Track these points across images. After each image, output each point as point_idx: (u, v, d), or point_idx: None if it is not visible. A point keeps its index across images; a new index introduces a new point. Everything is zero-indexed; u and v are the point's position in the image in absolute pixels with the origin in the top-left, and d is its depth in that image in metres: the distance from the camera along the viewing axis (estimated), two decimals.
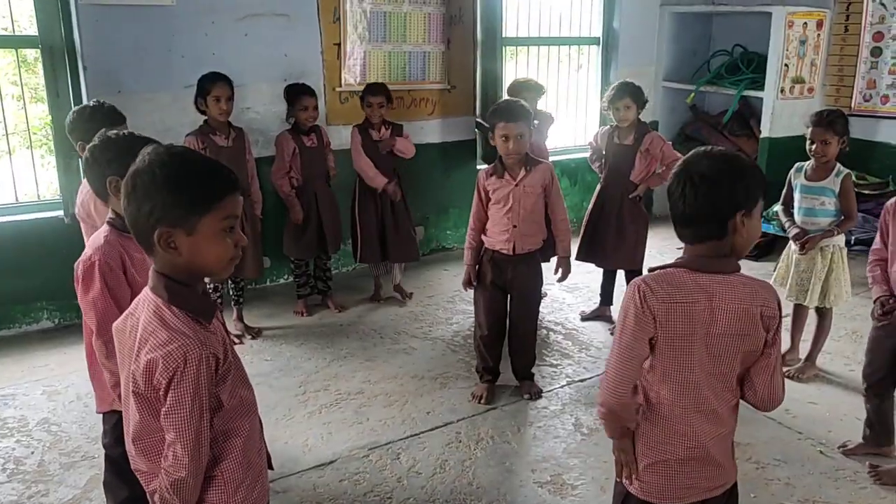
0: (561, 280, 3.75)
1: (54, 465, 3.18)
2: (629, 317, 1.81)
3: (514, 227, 3.52)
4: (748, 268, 5.96)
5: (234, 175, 1.59)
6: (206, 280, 1.67)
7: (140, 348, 1.54)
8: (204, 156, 1.73)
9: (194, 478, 1.56)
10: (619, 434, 1.97)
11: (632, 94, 4.29)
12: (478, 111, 5.83)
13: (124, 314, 1.66)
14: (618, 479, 2.03)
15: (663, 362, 1.85)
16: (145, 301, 1.60)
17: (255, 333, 4.47)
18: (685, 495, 1.92)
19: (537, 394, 3.74)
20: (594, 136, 4.65)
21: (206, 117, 4.22)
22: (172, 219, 1.51)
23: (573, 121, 6.68)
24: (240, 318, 4.50)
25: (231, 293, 4.50)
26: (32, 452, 3.27)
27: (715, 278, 1.79)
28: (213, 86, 4.14)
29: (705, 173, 1.75)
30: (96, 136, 2.33)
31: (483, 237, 3.63)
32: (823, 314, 3.89)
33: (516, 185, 3.50)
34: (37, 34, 4.32)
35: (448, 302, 4.99)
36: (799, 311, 3.99)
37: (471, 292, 3.79)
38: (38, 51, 4.39)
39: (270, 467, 1.85)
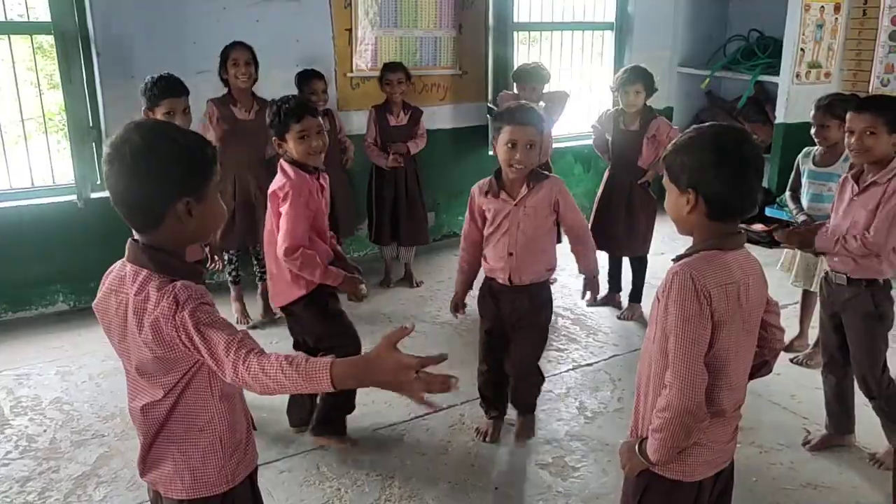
0: (590, 303, 3.59)
1: (65, 442, 3.25)
2: (688, 306, 1.70)
3: (510, 254, 3.00)
4: (762, 255, 5.87)
5: None
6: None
7: (140, 319, 1.54)
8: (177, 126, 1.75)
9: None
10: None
11: (643, 79, 4.26)
12: (489, 97, 5.83)
13: (105, 292, 1.65)
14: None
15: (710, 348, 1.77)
16: (129, 275, 1.59)
17: (273, 316, 4.46)
18: (719, 463, 1.90)
19: (528, 433, 3.27)
20: (598, 119, 4.60)
21: (229, 87, 4.28)
22: (191, 188, 1.55)
23: (587, 106, 6.64)
24: (264, 297, 4.46)
25: (255, 270, 4.53)
26: (45, 430, 3.34)
27: (738, 254, 1.80)
28: (230, 50, 4.22)
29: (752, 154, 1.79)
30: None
31: (483, 263, 3.15)
32: None
33: (516, 205, 2.96)
34: (50, 20, 4.37)
35: None
36: (807, 298, 3.97)
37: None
38: (52, 37, 4.44)
39: (253, 427, 1.87)
